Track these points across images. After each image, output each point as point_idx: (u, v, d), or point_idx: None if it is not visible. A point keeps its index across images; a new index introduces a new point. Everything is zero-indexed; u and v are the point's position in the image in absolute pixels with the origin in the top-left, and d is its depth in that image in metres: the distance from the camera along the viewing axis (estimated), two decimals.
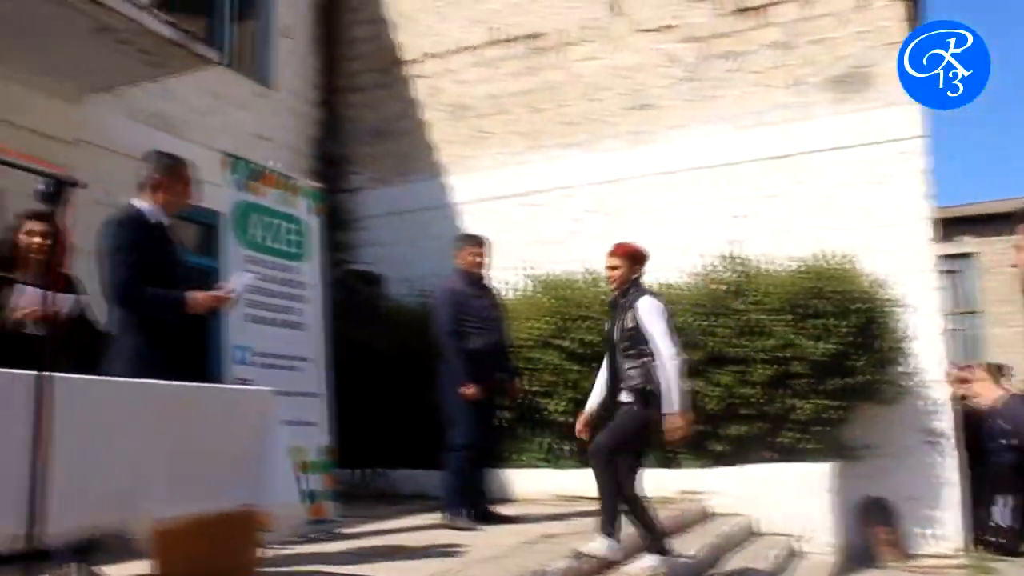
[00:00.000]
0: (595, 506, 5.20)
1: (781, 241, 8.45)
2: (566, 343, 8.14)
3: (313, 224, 7.11)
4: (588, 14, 9.91)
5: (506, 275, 9.32)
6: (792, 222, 8.65)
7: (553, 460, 8.19)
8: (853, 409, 7.86)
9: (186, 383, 3.68)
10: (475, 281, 6.59)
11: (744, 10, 9.22)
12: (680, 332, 7.81)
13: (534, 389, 8.12)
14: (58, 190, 3.02)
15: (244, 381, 5.69)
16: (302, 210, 7.06)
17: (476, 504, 6.37)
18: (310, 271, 6.95)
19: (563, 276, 8.88)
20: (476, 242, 6.70)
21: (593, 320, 7.96)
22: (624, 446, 5.11)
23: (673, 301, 8.21)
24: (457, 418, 6.27)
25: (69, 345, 4.19)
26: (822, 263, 8.03)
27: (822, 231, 8.42)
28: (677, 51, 9.45)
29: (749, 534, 7.31)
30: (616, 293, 5.50)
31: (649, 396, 5.11)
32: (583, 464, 7.84)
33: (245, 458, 3.83)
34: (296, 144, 10.65)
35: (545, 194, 9.78)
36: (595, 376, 6.44)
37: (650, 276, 8.60)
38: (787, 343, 7.66)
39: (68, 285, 4.57)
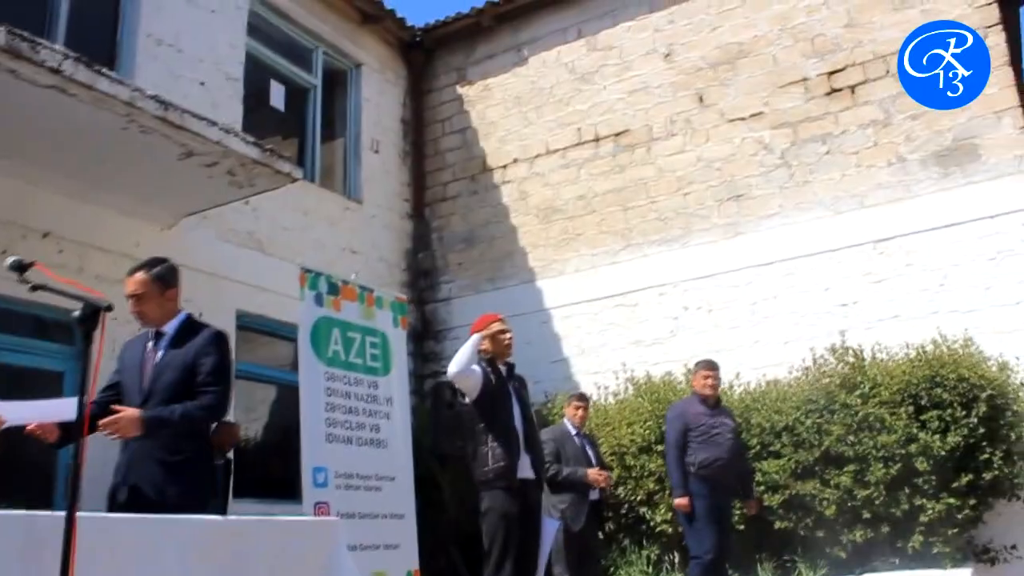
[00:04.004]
0: None
1: (893, 328, 7.92)
2: None
3: (396, 337, 6.96)
4: (675, 108, 9.69)
5: (604, 379, 9.02)
6: (903, 307, 8.07)
7: (656, 574, 7.67)
8: (987, 507, 7.18)
9: (239, 517, 3.47)
10: (709, 404, 6.73)
11: (836, 90, 8.85)
12: (791, 432, 7.47)
13: (636, 498, 7.69)
14: (93, 314, 2.94)
15: (321, 505, 5.49)
16: (384, 323, 6.93)
17: None
18: (394, 385, 6.78)
19: (664, 378, 8.52)
20: (707, 366, 6.88)
21: None
22: None
23: (782, 399, 7.79)
24: (691, 528, 6.48)
25: None
26: (940, 348, 7.45)
27: (937, 315, 7.84)
28: (768, 138, 9.11)
29: None
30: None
31: None
32: None
33: None
34: (388, 256, 10.64)
35: (640, 293, 9.41)
36: None
37: (756, 373, 8.30)
38: (908, 438, 7.07)
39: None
